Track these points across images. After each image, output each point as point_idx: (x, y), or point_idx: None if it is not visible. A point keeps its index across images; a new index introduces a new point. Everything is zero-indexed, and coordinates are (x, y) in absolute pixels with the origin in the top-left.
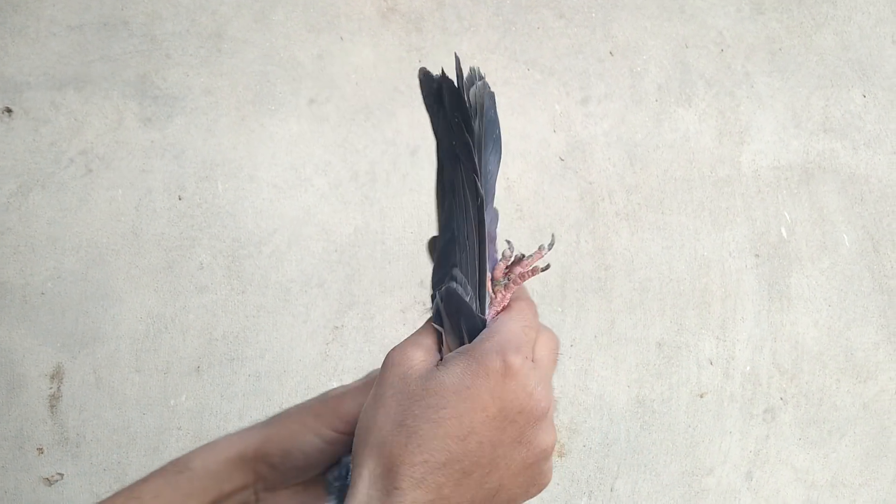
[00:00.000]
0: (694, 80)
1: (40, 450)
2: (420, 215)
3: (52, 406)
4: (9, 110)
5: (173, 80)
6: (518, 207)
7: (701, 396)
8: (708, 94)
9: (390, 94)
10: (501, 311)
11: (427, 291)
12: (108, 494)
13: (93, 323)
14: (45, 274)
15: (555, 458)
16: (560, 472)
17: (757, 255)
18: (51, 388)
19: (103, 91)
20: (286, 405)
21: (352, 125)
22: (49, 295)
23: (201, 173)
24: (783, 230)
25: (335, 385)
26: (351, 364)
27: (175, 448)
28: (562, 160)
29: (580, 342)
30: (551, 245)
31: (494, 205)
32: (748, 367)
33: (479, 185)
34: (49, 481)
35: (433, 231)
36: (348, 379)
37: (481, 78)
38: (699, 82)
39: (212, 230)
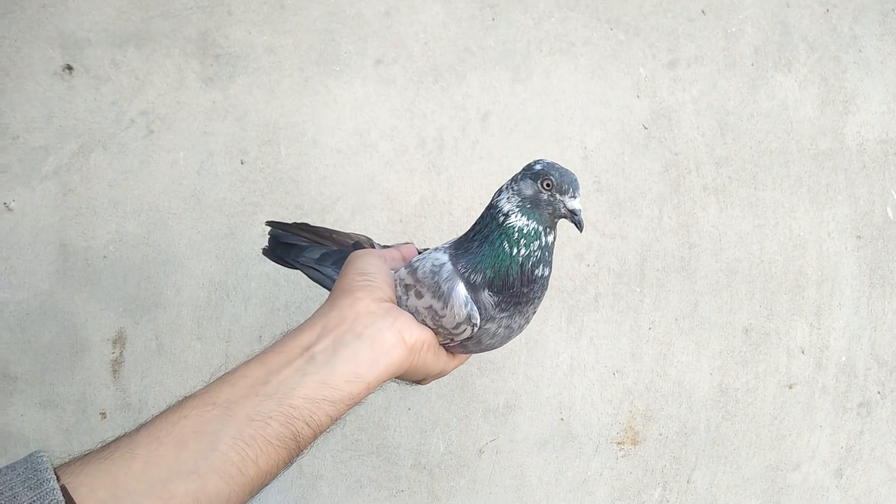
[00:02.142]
0: (795, 43)
1: (103, 414)
2: (490, 185)
3: (114, 371)
4: (69, 67)
5: (235, 38)
6: (596, 179)
7: (790, 387)
8: (810, 59)
9: (461, 54)
10: None
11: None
12: None
13: (154, 288)
14: (106, 237)
15: (628, 447)
16: (634, 460)
17: (859, 237)
18: (113, 352)
19: (164, 49)
20: None
21: (419, 88)
22: (111, 259)
23: (264, 137)
24: (889, 210)
25: None
26: None
27: None
28: (645, 128)
29: (659, 325)
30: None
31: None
32: (843, 358)
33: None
34: None
35: None
36: None
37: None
38: (801, 45)
39: (274, 196)
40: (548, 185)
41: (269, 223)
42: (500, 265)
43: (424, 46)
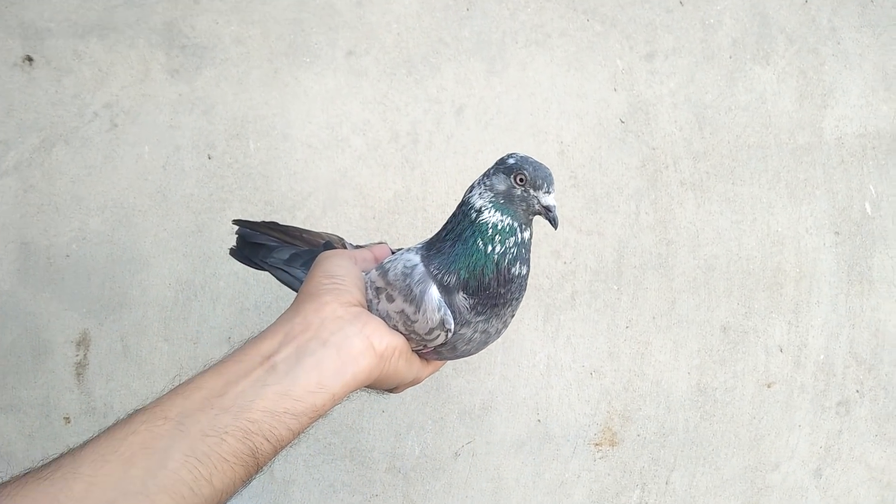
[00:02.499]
0: (773, 35)
1: (67, 419)
2: (465, 180)
3: (78, 374)
4: (30, 59)
5: (202, 27)
6: (572, 174)
7: (768, 386)
8: (789, 51)
9: (435, 46)
10: None
11: None
12: None
13: (119, 288)
14: (69, 235)
15: (606, 448)
16: (612, 462)
17: (837, 233)
18: (77, 355)
19: (128, 39)
20: None
21: (392, 80)
22: (74, 257)
23: (232, 130)
24: (867, 205)
25: None
26: None
27: None
28: (622, 122)
29: (637, 323)
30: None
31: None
32: (822, 356)
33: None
34: None
35: None
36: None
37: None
38: (779, 37)
39: (243, 192)
40: (521, 179)
41: (235, 222)
42: (474, 264)
43: (397, 37)
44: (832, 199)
